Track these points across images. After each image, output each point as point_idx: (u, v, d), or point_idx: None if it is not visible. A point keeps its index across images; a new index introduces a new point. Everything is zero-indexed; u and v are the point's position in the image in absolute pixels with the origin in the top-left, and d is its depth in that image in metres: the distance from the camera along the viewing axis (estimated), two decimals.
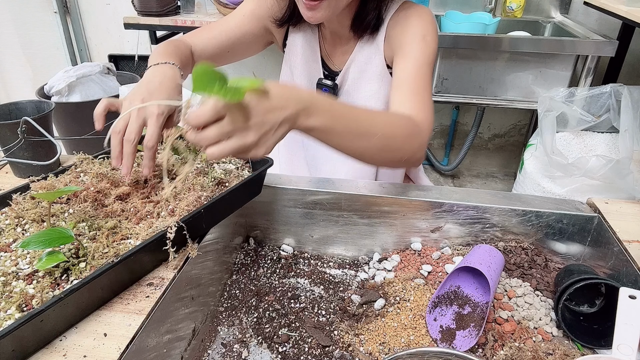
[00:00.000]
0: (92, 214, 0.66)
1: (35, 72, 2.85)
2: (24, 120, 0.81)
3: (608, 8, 1.76)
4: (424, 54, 0.85)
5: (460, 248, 0.88)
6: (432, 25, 0.89)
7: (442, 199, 0.84)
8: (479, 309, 0.73)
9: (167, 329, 0.61)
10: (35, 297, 0.53)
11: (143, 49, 2.65)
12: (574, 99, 1.65)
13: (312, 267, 0.87)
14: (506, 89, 1.92)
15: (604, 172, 1.42)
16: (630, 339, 0.57)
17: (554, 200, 0.86)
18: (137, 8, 2.04)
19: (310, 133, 0.63)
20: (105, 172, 0.72)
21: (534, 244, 0.85)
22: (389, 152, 0.73)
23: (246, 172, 0.79)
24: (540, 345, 0.68)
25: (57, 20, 2.59)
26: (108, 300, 0.59)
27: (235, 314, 0.77)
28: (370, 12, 0.88)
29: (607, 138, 1.65)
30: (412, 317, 0.73)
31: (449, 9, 2.24)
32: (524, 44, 1.78)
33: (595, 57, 1.78)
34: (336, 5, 0.80)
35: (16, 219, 0.65)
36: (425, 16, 0.89)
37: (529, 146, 1.79)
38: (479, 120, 2.36)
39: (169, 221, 0.63)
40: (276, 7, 0.96)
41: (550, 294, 0.78)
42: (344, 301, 0.78)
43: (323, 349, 0.69)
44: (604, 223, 0.79)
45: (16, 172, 0.89)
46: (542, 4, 2.22)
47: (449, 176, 2.68)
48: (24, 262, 0.58)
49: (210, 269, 0.75)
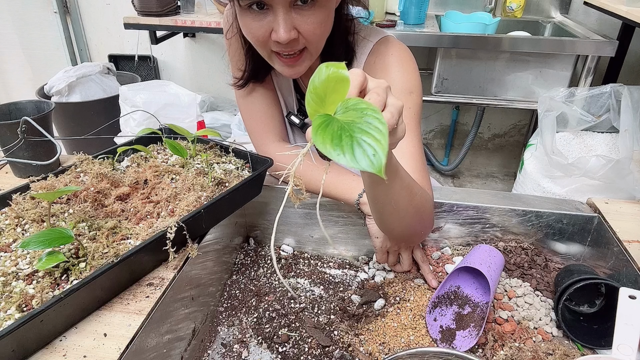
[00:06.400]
0: (92, 214, 0.66)
1: (35, 72, 2.85)
2: (24, 120, 0.81)
3: (608, 8, 1.76)
4: (410, 111, 0.79)
5: (460, 248, 0.88)
6: (414, 75, 0.82)
7: (442, 199, 0.84)
8: (479, 309, 0.73)
9: (167, 329, 0.61)
10: (35, 297, 0.53)
11: (143, 49, 2.66)
12: (574, 99, 1.64)
13: (312, 267, 0.87)
14: (506, 89, 1.92)
15: (604, 172, 1.41)
16: (630, 339, 0.57)
17: (554, 200, 0.86)
18: (137, 8, 2.04)
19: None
20: (105, 172, 0.72)
21: (534, 244, 0.85)
22: (420, 217, 0.70)
23: (246, 172, 0.79)
24: (540, 346, 0.68)
25: (57, 20, 2.59)
26: (108, 301, 0.59)
27: (235, 314, 0.77)
28: (337, 47, 0.82)
29: (607, 138, 1.65)
30: (412, 317, 0.73)
31: (449, 9, 2.24)
32: (524, 44, 1.78)
33: (595, 57, 1.78)
34: (316, 52, 0.75)
35: (16, 219, 0.65)
36: (406, 64, 0.82)
37: (529, 146, 1.79)
38: (479, 120, 2.36)
39: (169, 221, 0.63)
40: (237, 58, 0.90)
41: (550, 294, 0.78)
42: (344, 301, 0.78)
43: (323, 349, 0.69)
44: (604, 223, 0.79)
45: (16, 172, 0.89)
46: (542, 4, 2.22)
47: (449, 176, 2.68)
48: (24, 262, 0.58)
49: (210, 269, 0.75)
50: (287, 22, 0.67)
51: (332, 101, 0.42)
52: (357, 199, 0.77)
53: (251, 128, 0.93)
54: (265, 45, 0.73)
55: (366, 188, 0.64)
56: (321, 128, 0.39)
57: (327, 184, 0.81)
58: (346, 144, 0.37)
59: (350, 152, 0.37)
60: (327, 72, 0.42)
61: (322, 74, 0.42)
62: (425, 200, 0.70)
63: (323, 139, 0.38)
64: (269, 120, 0.92)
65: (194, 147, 0.82)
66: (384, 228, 0.72)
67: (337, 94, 0.42)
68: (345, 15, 0.81)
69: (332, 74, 0.42)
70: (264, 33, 0.70)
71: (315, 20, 0.69)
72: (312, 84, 0.43)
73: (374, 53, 0.85)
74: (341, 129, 0.38)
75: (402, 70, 0.81)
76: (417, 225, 0.72)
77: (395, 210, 0.66)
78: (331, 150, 0.37)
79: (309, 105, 0.42)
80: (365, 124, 0.39)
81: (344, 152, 0.37)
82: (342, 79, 0.42)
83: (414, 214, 0.68)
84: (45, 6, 2.61)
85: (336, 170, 0.81)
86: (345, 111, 0.41)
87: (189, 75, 2.74)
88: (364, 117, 0.39)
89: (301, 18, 0.68)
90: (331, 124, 0.39)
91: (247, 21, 0.71)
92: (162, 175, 0.75)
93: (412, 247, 0.81)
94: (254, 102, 0.92)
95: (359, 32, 0.85)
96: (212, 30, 2.00)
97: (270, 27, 0.69)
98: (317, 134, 0.38)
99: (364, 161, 0.37)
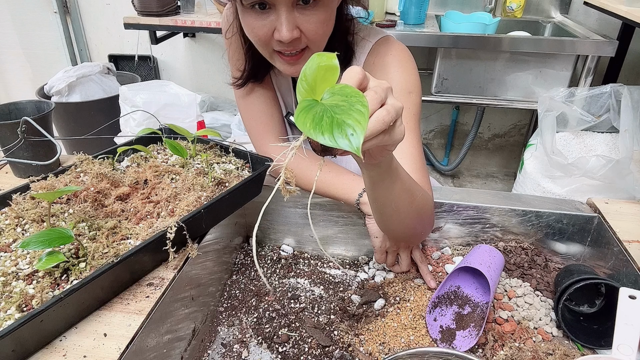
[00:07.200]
0: (92, 214, 0.66)
1: (35, 72, 2.85)
2: (24, 120, 0.81)
3: (608, 8, 1.76)
4: (409, 111, 0.79)
5: (460, 248, 0.88)
6: (414, 75, 0.81)
7: (442, 199, 0.84)
8: (479, 309, 0.73)
9: (167, 329, 0.61)
10: (35, 297, 0.53)
11: (143, 49, 2.66)
12: (574, 99, 1.64)
13: (312, 267, 0.87)
14: (506, 89, 1.92)
15: (604, 172, 1.41)
16: (630, 339, 0.57)
17: (554, 200, 0.86)
18: (137, 8, 2.04)
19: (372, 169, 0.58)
20: (105, 172, 0.72)
21: (534, 244, 0.85)
22: (420, 217, 0.71)
23: (246, 172, 0.79)
24: (540, 346, 0.68)
25: (57, 20, 2.59)
26: (108, 301, 0.59)
27: (235, 314, 0.77)
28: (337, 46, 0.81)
29: (607, 138, 1.65)
30: (412, 317, 0.73)
31: (449, 9, 2.24)
32: (524, 44, 1.78)
33: (595, 57, 1.78)
34: (317, 50, 0.73)
35: (16, 219, 0.65)
36: (405, 65, 0.82)
37: (529, 146, 1.79)
38: (479, 120, 2.36)
39: (169, 221, 0.63)
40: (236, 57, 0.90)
41: (550, 294, 0.78)
42: (344, 301, 0.78)
43: (323, 349, 0.69)
44: (604, 223, 0.79)
45: (16, 172, 0.89)
46: (542, 4, 2.22)
47: (449, 176, 2.68)
48: (24, 262, 0.58)
49: (210, 269, 0.75)
50: (290, 22, 0.67)
51: (321, 90, 0.43)
52: (357, 199, 0.77)
53: (251, 128, 0.94)
54: (267, 45, 0.73)
55: (367, 188, 0.64)
56: (304, 111, 0.40)
57: (327, 184, 0.81)
58: (326, 124, 0.38)
59: (329, 132, 0.38)
60: (318, 62, 0.43)
61: (313, 63, 0.43)
62: (425, 201, 0.70)
63: (304, 120, 0.39)
64: (269, 120, 0.93)
65: (194, 147, 0.82)
66: (384, 228, 0.72)
67: (326, 83, 0.43)
68: (345, 15, 0.81)
69: (322, 64, 0.43)
70: (266, 32, 0.70)
71: (317, 19, 0.69)
72: (303, 73, 0.43)
73: (373, 53, 0.85)
74: (323, 111, 0.39)
75: (402, 70, 0.81)
76: (417, 225, 0.72)
77: (395, 210, 0.66)
78: (311, 130, 0.38)
79: (299, 93, 0.43)
80: (348, 106, 0.40)
81: (322, 133, 0.38)
82: (332, 68, 0.43)
83: (415, 214, 0.68)
84: (45, 6, 2.61)
85: (336, 170, 0.81)
86: (330, 96, 0.42)
87: (189, 75, 2.74)
88: (347, 100, 0.40)
89: (303, 17, 0.68)
90: (314, 107, 0.40)
91: (250, 20, 0.71)
92: (162, 175, 0.75)
93: (411, 247, 0.81)
94: (253, 102, 0.92)
95: (358, 32, 0.85)
96: (212, 30, 2.00)
97: (272, 26, 0.69)
98: (299, 116, 0.39)
99: (342, 141, 0.38)
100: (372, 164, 0.55)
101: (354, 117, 0.39)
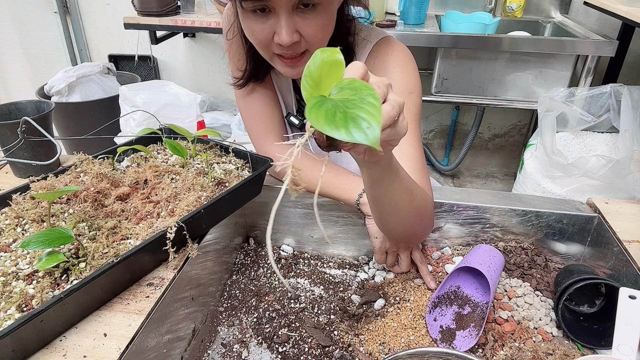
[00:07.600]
0: (92, 214, 0.66)
1: (35, 72, 2.85)
2: (24, 120, 0.81)
3: (608, 8, 1.76)
4: (410, 112, 0.79)
5: (460, 248, 0.88)
6: (414, 75, 0.81)
7: (442, 199, 0.84)
8: (479, 309, 0.73)
9: (167, 329, 0.61)
10: (35, 297, 0.53)
11: (143, 49, 2.66)
12: (574, 99, 1.64)
13: (312, 267, 0.87)
14: (506, 89, 1.92)
15: (604, 172, 1.41)
16: (630, 339, 0.57)
17: (554, 200, 0.86)
18: (137, 8, 2.04)
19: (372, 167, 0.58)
20: (105, 172, 0.72)
21: (534, 244, 0.85)
22: (420, 218, 0.70)
23: (246, 172, 0.79)
24: (540, 346, 0.68)
25: (57, 20, 2.59)
26: (108, 301, 0.59)
27: (235, 314, 0.77)
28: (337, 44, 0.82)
29: (607, 138, 1.65)
30: (412, 317, 0.73)
31: (449, 9, 2.24)
32: (524, 44, 1.78)
33: (595, 57, 1.78)
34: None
35: (16, 219, 0.65)
36: (406, 65, 0.82)
37: (529, 146, 1.79)
38: (479, 120, 2.36)
39: (169, 221, 0.63)
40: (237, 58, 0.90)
41: (550, 294, 0.78)
42: (344, 301, 0.78)
43: (323, 349, 0.69)
44: (604, 223, 0.79)
45: (16, 172, 0.89)
46: (542, 4, 2.22)
47: (449, 176, 2.68)
48: (24, 262, 0.58)
49: (210, 269, 0.75)
50: (290, 26, 0.67)
51: (326, 85, 0.42)
52: (357, 199, 0.77)
53: (251, 128, 0.94)
54: (267, 47, 0.73)
55: (366, 187, 0.64)
56: (315, 107, 0.39)
57: (327, 184, 0.81)
58: (340, 119, 0.38)
59: (344, 126, 0.37)
60: (322, 57, 0.43)
61: (317, 59, 0.43)
62: (425, 201, 0.70)
63: (317, 116, 0.38)
64: (269, 120, 0.93)
65: (194, 147, 0.82)
66: (384, 228, 0.72)
67: (331, 78, 0.42)
68: (345, 15, 0.81)
69: (326, 59, 0.43)
70: (266, 36, 0.70)
71: (317, 23, 0.69)
72: (307, 69, 0.43)
73: (374, 54, 0.85)
74: (335, 107, 0.39)
75: (402, 71, 0.81)
76: (417, 226, 0.72)
77: (395, 211, 0.66)
78: (325, 126, 0.37)
79: (304, 89, 0.42)
80: (359, 100, 0.39)
81: (337, 128, 0.37)
82: (337, 62, 0.43)
83: (414, 214, 0.68)
84: (45, 6, 2.61)
85: (335, 170, 0.81)
86: (339, 91, 0.41)
87: (189, 75, 2.74)
88: (357, 93, 0.40)
89: (303, 21, 0.68)
90: (325, 103, 0.40)
91: (250, 23, 0.71)
92: (162, 175, 0.75)
93: (411, 248, 0.81)
94: (253, 102, 0.92)
95: (359, 33, 0.85)
96: (212, 30, 2.00)
97: (272, 29, 0.69)
98: (311, 112, 0.38)
99: (358, 134, 0.37)
100: (373, 161, 0.55)
101: (367, 110, 0.38)
